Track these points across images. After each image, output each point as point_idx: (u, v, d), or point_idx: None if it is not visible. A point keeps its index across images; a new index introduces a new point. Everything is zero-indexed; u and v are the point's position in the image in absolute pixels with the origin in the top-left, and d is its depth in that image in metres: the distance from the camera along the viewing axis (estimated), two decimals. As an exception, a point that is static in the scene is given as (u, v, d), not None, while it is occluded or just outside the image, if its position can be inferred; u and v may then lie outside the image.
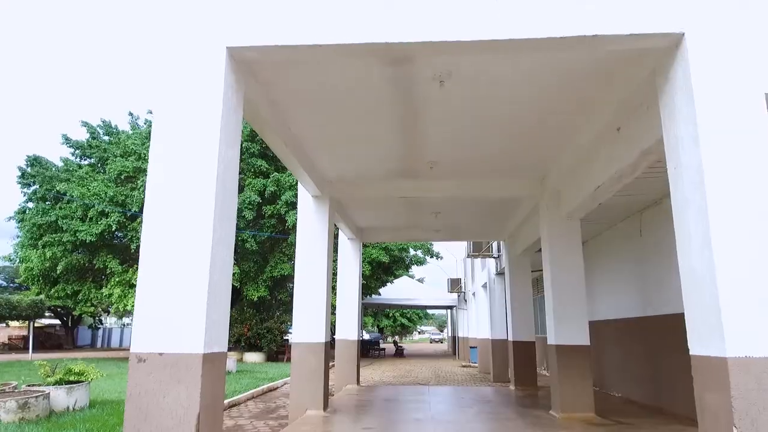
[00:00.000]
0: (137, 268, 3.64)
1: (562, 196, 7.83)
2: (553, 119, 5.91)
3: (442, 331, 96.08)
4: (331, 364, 16.00)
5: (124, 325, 46.83)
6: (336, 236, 12.11)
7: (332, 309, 12.78)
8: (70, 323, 43.76)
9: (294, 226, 15.77)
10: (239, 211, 18.43)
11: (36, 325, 46.83)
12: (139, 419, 3.44)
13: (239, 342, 20.93)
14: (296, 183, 10.29)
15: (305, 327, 7.76)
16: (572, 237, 7.90)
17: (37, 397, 7.30)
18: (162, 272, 3.63)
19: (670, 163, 4.01)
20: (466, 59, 4.61)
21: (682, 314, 7.29)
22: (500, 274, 14.97)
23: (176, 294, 3.57)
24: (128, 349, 3.59)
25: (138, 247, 18.85)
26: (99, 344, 49.83)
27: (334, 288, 11.97)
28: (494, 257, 14.68)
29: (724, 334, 3.25)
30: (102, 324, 49.77)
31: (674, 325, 7.63)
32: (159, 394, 3.45)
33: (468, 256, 15.01)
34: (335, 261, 13.10)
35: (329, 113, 5.81)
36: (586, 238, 10.39)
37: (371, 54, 4.11)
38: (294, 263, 9.29)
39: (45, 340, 42.41)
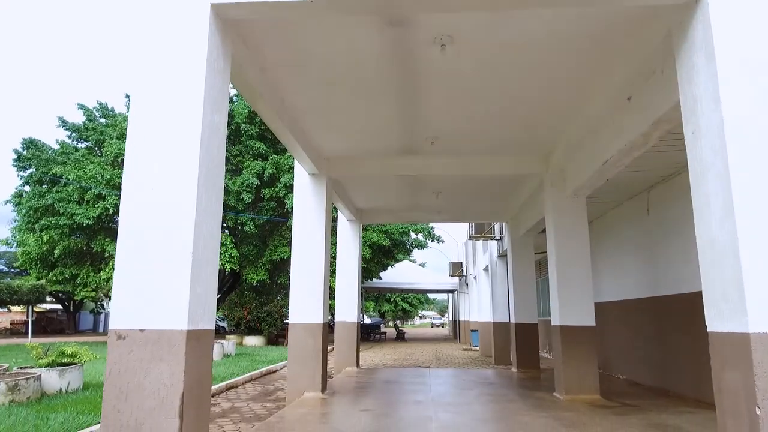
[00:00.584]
0: None
1: (568, 173, 7.57)
2: (561, 89, 5.63)
3: (443, 315, 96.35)
4: (330, 348, 15.84)
5: None
6: (335, 219, 11.88)
7: (331, 292, 12.59)
8: (71, 308, 43.81)
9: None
10: (237, 194, 18.19)
11: (38, 310, 46.96)
12: (119, 399, 3.22)
13: (239, 325, 20.83)
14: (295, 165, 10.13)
15: (303, 308, 7.56)
16: (578, 215, 7.65)
17: (27, 379, 7.13)
18: (142, 243, 3.39)
19: (687, 128, 3.73)
20: (468, 20, 4.32)
21: (691, 294, 7.06)
22: (502, 256, 14.75)
23: (158, 267, 3.34)
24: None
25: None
26: (101, 329, 49.93)
27: (333, 271, 11.76)
28: (496, 239, 14.45)
29: (746, 309, 3.01)
30: (104, 309, 49.89)
31: (682, 306, 7.42)
32: (140, 373, 3.24)
33: (469, 238, 14.78)
34: (334, 244, 12.89)
35: (324, 83, 5.53)
36: (591, 218, 10.13)
37: (366, 10, 3.83)
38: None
39: (47, 325, 42.51)
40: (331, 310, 11.93)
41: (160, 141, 3.51)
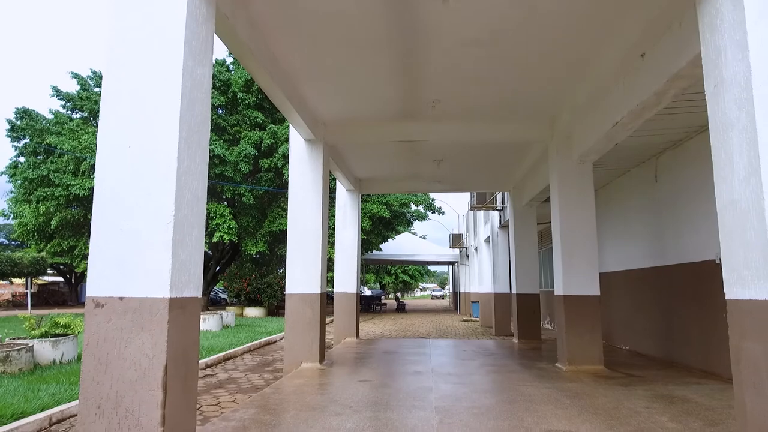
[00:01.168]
0: None
1: (574, 138, 7.28)
2: (570, 46, 5.30)
3: (443, 288, 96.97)
4: (330, 319, 15.76)
5: None
6: (333, 188, 11.61)
7: (331, 263, 12.41)
8: (73, 280, 43.94)
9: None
10: (235, 164, 17.89)
11: (39, 282, 47.16)
12: (99, 371, 3.03)
13: (239, 297, 20.77)
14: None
15: (300, 278, 7.37)
16: (584, 182, 7.39)
17: (19, 350, 6.98)
18: (121, 206, 3.15)
19: (708, 82, 3.45)
20: (473, -35, 3.99)
21: (699, 263, 6.84)
22: (504, 227, 14.54)
23: (137, 230, 3.11)
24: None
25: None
26: (103, 301, 50.19)
27: (332, 241, 11.56)
28: (498, 210, 14.21)
29: (772, 274, 2.79)
30: (106, 281, 49.99)
31: (690, 275, 7.22)
32: (120, 343, 3.04)
33: (471, 208, 14.54)
34: (332, 214, 12.63)
35: (318, 40, 5.21)
36: (596, 187, 9.86)
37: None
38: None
39: (49, 297, 42.70)
40: (330, 280, 11.80)
41: (138, 95, 3.24)
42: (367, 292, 45.04)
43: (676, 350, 7.62)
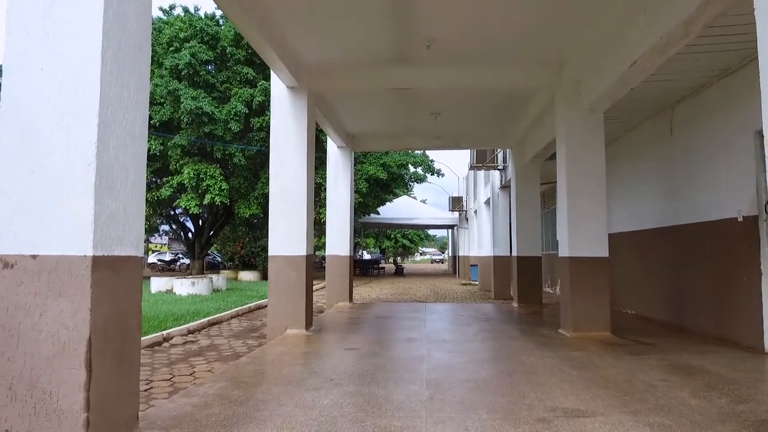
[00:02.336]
0: None
1: (584, 85, 6.59)
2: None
3: (443, 252, 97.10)
4: (322, 284, 15.28)
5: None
6: (324, 143, 10.92)
7: (322, 224, 11.83)
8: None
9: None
10: (225, 123, 17.14)
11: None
12: (9, 345, 2.48)
13: (233, 260, 20.33)
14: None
15: (284, 239, 6.82)
16: (594, 133, 6.75)
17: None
18: (31, 142, 2.53)
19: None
20: None
21: (717, 222, 6.22)
22: (505, 187, 13.93)
23: (53, 172, 2.50)
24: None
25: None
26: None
27: (323, 200, 10.95)
28: (499, 169, 13.56)
29: None
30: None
31: (706, 235, 6.66)
32: (34, 311, 2.47)
33: (471, 168, 13.89)
34: (323, 172, 11.88)
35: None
36: (605, 142, 9.20)
37: None
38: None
39: None
40: (322, 244, 11.26)
41: (50, 3, 2.58)
42: (367, 256, 44.79)
43: (688, 315, 7.12)
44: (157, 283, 13.79)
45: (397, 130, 10.50)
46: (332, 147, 10.76)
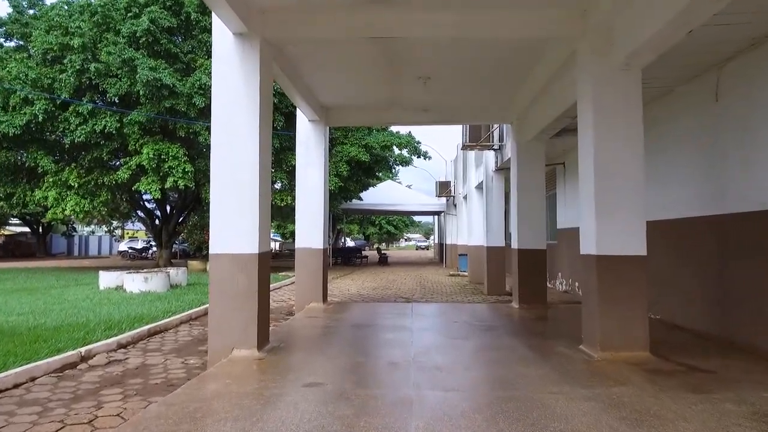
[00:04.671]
0: (74, 166, 1.60)
1: (619, 32, 5.08)
2: None
3: (428, 238, 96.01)
4: (291, 279, 13.65)
5: (108, 231, 44.03)
6: (292, 115, 9.28)
7: (292, 212, 10.23)
8: (41, 231, 41.38)
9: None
10: (188, 97, 15.35)
11: (5, 233, 44.50)
12: None
13: (200, 249, 18.63)
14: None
15: (229, 232, 5.24)
16: (629, 96, 5.26)
17: None
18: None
19: None
20: None
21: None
22: (500, 169, 12.44)
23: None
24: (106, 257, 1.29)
25: (73, 141, 15.90)
26: (76, 252, 47.87)
27: (288, 184, 9.33)
28: (494, 149, 12.05)
29: None
30: (76, 231, 47.48)
31: (761, 227, 5.22)
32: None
33: (463, 147, 12.35)
34: (291, 150, 10.10)
35: None
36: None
37: None
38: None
39: (15, 249, 40.33)
40: (290, 233, 9.70)
41: None
42: (350, 243, 43.30)
43: (734, 326, 5.72)
44: (107, 279, 12.09)
45: (379, 101, 8.91)
46: (302, 121, 9.15)
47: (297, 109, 9.00)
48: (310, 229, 9.06)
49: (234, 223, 5.21)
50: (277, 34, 5.53)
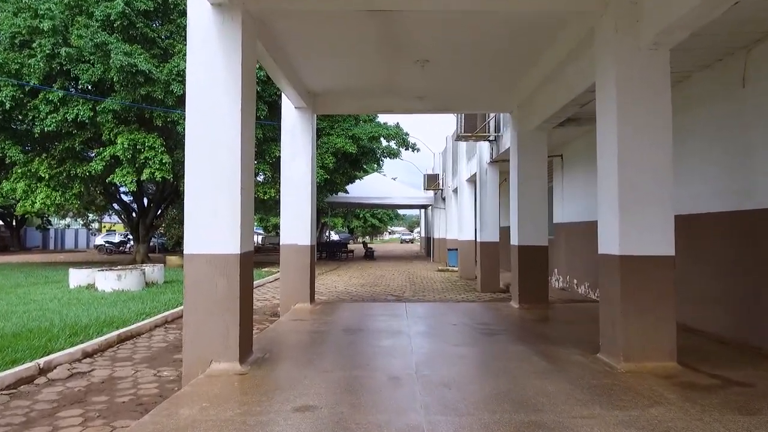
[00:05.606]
0: (45, 157, 1.12)
1: (646, 8, 4.54)
2: None
3: (411, 231, 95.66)
4: (275, 275, 12.96)
5: (84, 224, 42.52)
6: (275, 104, 8.61)
7: (276, 205, 9.58)
8: (14, 224, 39.95)
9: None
10: (166, 84, 14.54)
11: (-21, 226, 42.90)
12: None
13: (179, 244, 17.83)
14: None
15: (207, 230, 4.61)
16: (657, 79, 4.73)
17: None
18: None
19: None
20: None
21: None
22: (496, 161, 11.92)
23: None
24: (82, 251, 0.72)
25: (43, 130, 14.99)
26: (51, 246, 46.48)
27: (272, 176, 8.69)
28: (490, 140, 11.50)
29: None
30: (51, 225, 46.05)
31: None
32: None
33: (457, 138, 11.79)
34: (276, 140, 9.38)
35: None
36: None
37: None
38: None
39: (-11, 242, 38.95)
40: (274, 227, 9.06)
41: None
42: (335, 237, 42.59)
43: (759, 330, 5.26)
44: (77, 277, 11.31)
45: (372, 87, 8.28)
46: (288, 108, 8.49)
47: (282, 97, 8.36)
48: (297, 224, 8.44)
49: (212, 220, 4.58)
50: (260, 4, 4.88)
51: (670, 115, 4.71)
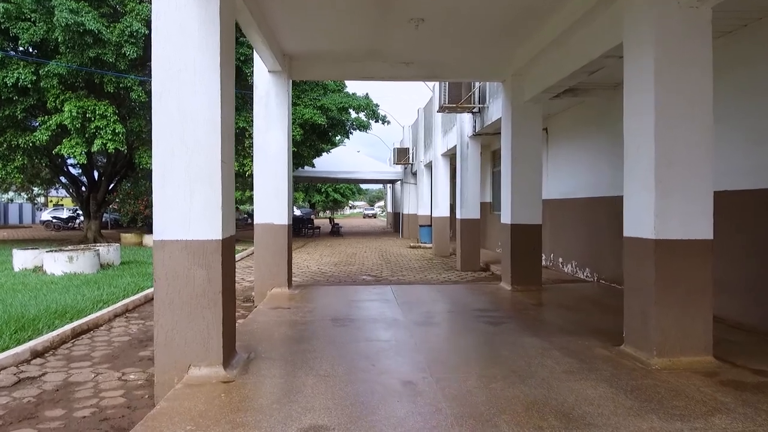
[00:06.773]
0: None
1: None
2: None
3: (373, 206, 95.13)
4: (247, 252, 12.16)
5: (29, 199, 39.89)
6: (243, 67, 7.73)
7: (243, 177, 8.75)
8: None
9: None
10: (117, 47, 13.23)
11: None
12: None
13: (135, 221, 16.68)
14: None
15: (180, 211, 3.84)
16: (698, 41, 4.19)
17: None
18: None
19: None
20: None
21: None
22: (479, 134, 11.35)
23: None
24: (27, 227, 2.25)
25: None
26: (2, 221, 43.63)
27: (248, 150, 7.86)
28: (474, 111, 10.91)
29: None
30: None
31: None
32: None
33: (439, 109, 11.13)
34: (246, 110, 8.47)
35: None
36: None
37: None
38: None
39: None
40: (249, 209, 8.25)
41: None
42: (296, 212, 41.55)
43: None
44: (22, 258, 10.21)
45: (356, 50, 7.50)
46: (261, 72, 7.63)
47: (254, 61, 7.50)
48: (273, 201, 7.67)
49: (187, 200, 3.81)
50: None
51: (711, 78, 4.20)
